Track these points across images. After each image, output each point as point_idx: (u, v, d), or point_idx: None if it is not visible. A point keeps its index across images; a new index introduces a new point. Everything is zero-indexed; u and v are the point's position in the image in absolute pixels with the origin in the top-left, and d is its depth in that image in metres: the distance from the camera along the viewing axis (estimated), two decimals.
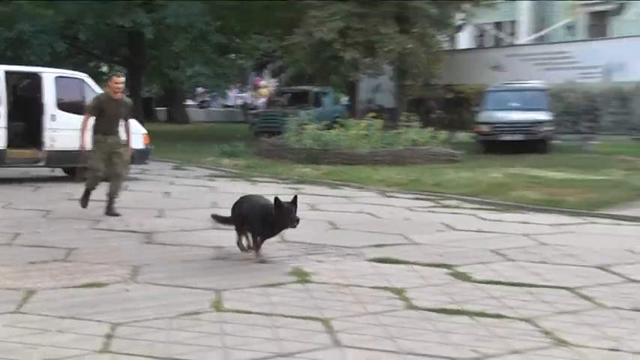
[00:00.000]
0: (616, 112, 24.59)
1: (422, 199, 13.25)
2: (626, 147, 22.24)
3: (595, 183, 14.45)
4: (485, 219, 11.02)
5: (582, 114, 24.42)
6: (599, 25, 37.43)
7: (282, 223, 7.57)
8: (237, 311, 5.84)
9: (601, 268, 7.63)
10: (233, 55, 38.93)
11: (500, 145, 21.36)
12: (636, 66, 24.04)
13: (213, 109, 49.75)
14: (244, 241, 8.00)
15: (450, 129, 23.79)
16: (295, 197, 7.57)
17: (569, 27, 37.75)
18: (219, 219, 8.57)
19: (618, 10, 35.98)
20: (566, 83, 24.99)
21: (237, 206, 8.06)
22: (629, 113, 24.52)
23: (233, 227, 8.15)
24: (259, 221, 7.61)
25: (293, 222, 7.52)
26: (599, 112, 24.64)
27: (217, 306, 6.00)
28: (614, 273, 7.40)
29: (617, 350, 5.07)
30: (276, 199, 7.52)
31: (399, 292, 6.51)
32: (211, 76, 32.97)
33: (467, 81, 28.84)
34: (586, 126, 24.18)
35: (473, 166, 17.55)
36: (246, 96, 50.70)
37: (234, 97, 50.68)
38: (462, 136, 24.65)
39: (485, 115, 22.47)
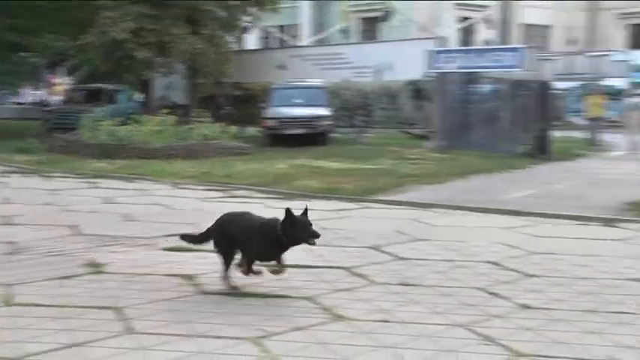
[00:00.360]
0: (386, 107, 25.68)
1: (213, 190, 13.16)
2: (395, 139, 23.33)
3: (368, 171, 15.00)
4: (272, 207, 11.10)
5: (357, 109, 25.23)
6: (370, 30, 39.05)
7: (296, 239, 5.72)
8: (29, 305, 5.51)
9: (374, 248, 7.90)
10: (26, 54, 36.80)
11: (285, 138, 21.66)
12: (402, 67, 25.25)
13: (6, 106, 46.86)
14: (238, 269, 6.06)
15: (240, 124, 23.81)
16: (306, 209, 5.80)
17: (344, 31, 39.05)
18: (189, 239, 6.40)
19: (386, 17, 37.69)
20: (342, 82, 25.74)
21: (224, 226, 6.03)
22: (397, 109, 25.71)
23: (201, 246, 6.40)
24: (259, 242, 5.79)
25: (312, 236, 5.67)
26: (372, 107, 25.60)
27: (8, 300, 5.63)
28: (385, 252, 7.68)
29: (387, 321, 5.27)
30: (288, 209, 5.68)
31: (190, 278, 6.41)
32: (2, 73, 30.97)
33: (254, 79, 29.09)
34: (361, 120, 25.02)
35: (261, 159, 17.69)
36: (41, 93, 48.27)
37: (28, 94, 48.06)
38: (251, 130, 24.78)
39: (271, 111, 22.72)
